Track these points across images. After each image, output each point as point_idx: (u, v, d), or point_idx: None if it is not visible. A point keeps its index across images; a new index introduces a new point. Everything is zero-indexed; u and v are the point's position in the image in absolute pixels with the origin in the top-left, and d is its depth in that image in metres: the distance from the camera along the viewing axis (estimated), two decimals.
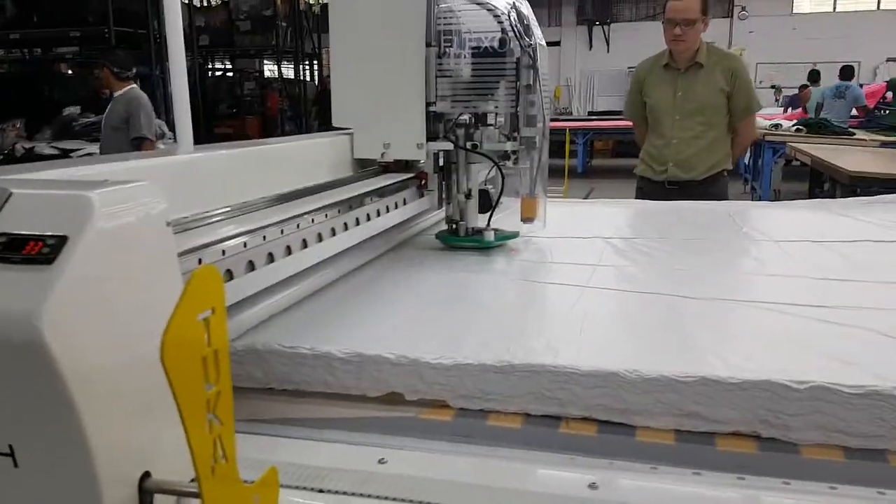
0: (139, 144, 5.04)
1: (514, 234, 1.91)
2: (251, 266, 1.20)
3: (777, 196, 7.75)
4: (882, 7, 17.75)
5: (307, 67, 15.79)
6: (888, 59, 17.27)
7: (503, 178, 1.86)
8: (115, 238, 0.72)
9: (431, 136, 1.80)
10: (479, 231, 1.88)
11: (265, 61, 18.32)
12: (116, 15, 10.38)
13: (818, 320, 1.25)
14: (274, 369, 1.11)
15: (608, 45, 18.76)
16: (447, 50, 1.77)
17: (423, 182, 1.94)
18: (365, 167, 1.86)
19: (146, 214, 0.77)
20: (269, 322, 1.24)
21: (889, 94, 9.50)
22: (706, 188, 2.97)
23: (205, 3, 16.05)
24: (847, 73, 9.83)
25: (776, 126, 8.36)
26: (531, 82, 1.76)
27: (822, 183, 6.37)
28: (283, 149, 1.62)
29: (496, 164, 1.85)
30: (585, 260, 1.71)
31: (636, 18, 18.70)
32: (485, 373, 1.05)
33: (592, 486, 0.85)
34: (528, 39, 1.75)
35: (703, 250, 1.84)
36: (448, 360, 1.06)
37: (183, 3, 13.55)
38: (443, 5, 1.76)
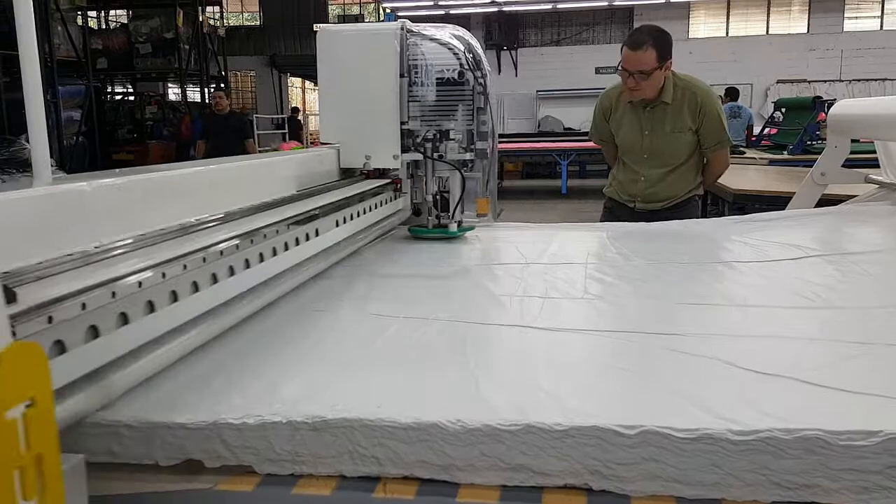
0: None
1: (470, 228, 2.31)
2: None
3: None
4: (771, 32, 18.76)
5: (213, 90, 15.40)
6: (778, 81, 18.25)
7: (464, 181, 2.27)
8: None
9: (404, 149, 2.22)
10: (445, 225, 2.28)
11: (169, 85, 17.81)
12: (2, 38, 9.87)
13: (669, 350, 1.19)
14: None
15: (516, 69, 19.10)
16: (416, 80, 2.22)
17: (397, 186, 2.29)
18: (349, 175, 2.17)
19: None
20: None
21: (777, 114, 9.98)
22: (674, 213, 2.82)
23: (102, 26, 15.47)
24: (733, 93, 10.23)
25: None
26: (483, 105, 2.26)
27: (715, 202, 6.55)
28: (282, 161, 1.80)
29: (459, 170, 2.26)
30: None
31: (541, 44, 19.14)
32: (295, 431, 0.93)
33: None
34: (479, 70, 2.24)
35: (553, 273, 1.77)
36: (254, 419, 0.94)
37: (79, 26, 12.98)
38: (412, 45, 2.20)
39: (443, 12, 17.52)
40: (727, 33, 18.98)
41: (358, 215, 1.98)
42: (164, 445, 0.93)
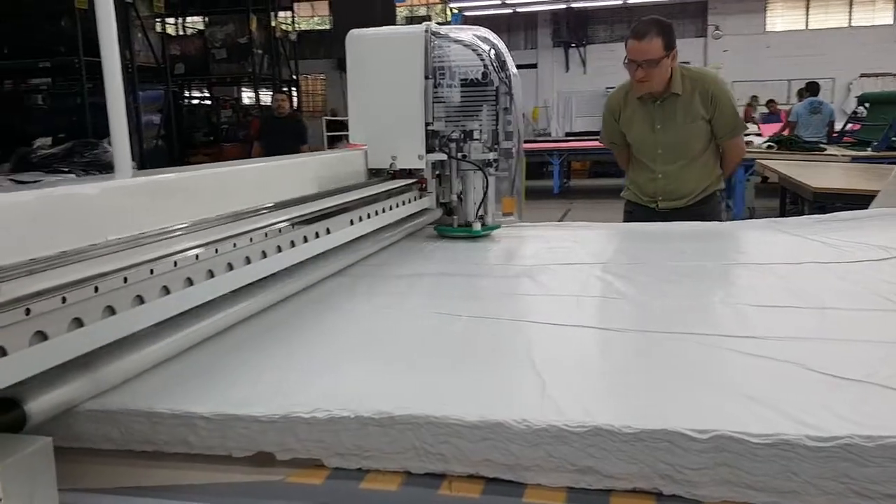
0: None
1: (496, 226, 2.33)
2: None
3: (752, 214, 7.71)
4: (853, 24, 17.98)
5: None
6: (862, 75, 17.47)
7: (488, 181, 2.29)
8: None
9: (430, 149, 2.25)
10: (470, 224, 2.30)
11: (243, 89, 18.30)
12: (87, 45, 10.31)
13: (743, 353, 1.16)
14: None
15: (584, 66, 18.87)
16: (441, 81, 2.25)
17: (422, 186, 2.33)
18: (376, 176, 2.25)
19: None
20: None
21: (861, 109, 9.55)
22: (697, 210, 2.78)
23: (180, 32, 16.02)
24: (813, 88, 9.85)
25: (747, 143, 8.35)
26: (508, 105, 2.29)
27: (795, 200, 6.33)
28: (314, 161, 1.99)
29: (482, 170, 2.28)
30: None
31: (611, 40, 18.82)
32: (363, 426, 0.94)
33: None
34: (504, 72, 2.27)
35: (627, 274, 1.73)
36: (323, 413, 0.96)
37: (157, 32, 13.39)
38: (437, 47, 2.23)
39: (510, 11, 17.45)
40: (806, 26, 18.29)
41: (376, 214, 2.03)
42: (238, 437, 0.96)
